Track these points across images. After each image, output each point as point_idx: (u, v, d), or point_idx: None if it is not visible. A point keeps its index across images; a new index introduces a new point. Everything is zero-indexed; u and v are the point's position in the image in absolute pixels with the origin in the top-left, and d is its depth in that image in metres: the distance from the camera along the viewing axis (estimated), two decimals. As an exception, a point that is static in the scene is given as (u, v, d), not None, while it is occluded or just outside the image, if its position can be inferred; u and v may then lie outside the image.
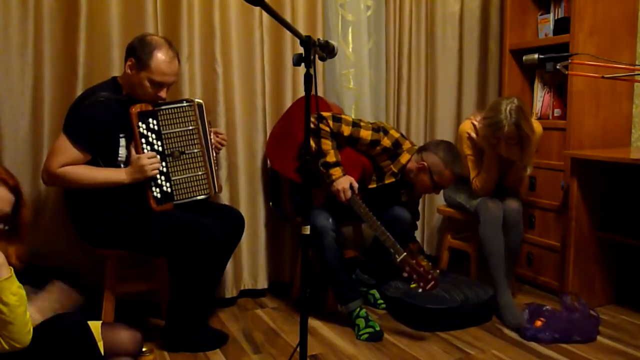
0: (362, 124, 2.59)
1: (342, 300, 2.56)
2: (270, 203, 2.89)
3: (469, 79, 3.45)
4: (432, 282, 2.34)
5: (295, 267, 2.98)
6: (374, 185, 2.66)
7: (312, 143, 2.52)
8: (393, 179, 2.63)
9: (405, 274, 2.38)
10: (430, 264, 2.38)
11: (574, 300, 2.51)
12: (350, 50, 3.26)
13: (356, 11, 3.22)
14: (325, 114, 2.54)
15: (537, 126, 2.75)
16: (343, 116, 2.58)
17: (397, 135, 2.62)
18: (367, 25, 3.25)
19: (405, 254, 2.38)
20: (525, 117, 2.55)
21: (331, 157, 2.50)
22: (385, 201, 2.70)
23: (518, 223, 2.71)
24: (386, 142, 2.59)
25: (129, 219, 2.23)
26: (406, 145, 2.63)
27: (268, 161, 2.87)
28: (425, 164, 2.56)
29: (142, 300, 2.71)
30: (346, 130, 2.54)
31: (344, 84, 3.27)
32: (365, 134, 2.56)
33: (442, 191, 3.12)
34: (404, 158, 2.61)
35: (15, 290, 1.48)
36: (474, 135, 2.75)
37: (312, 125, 2.51)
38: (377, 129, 2.60)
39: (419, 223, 3.31)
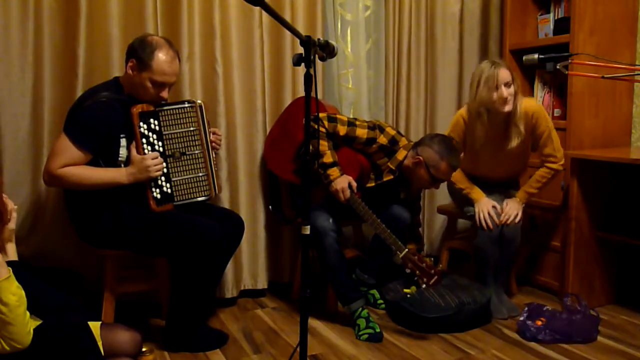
0: (357, 122, 2.59)
1: (344, 300, 2.56)
2: (270, 207, 2.89)
3: (469, 79, 3.44)
4: (435, 277, 2.35)
5: (295, 267, 2.98)
6: (373, 184, 2.66)
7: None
8: (391, 176, 2.63)
9: (408, 270, 2.38)
10: (432, 258, 2.39)
11: (575, 301, 2.51)
12: (349, 50, 3.26)
13: (355, 11, 3.23)
14: (320, 114, 2.54)
15: (539, 108, 2.69)
16: (338, 116, 2.58)
17: (393, 132, 2.62)
18: (364, 25, 3.25)
19: (407, 250, 2.39)
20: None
21: (328, 158, 2.50)
22: (384, 199, 2.70)
23: (514, 238, 2.70)
24: (382, 139, 2.59)
25: (128, 219, 2.23)
26: (402, 142, 2.63)
27: (266, 164, 2.87)
28: (421, 158, 2.55)
29: (142, 300, 2.71)
30: (342, 130, 2.54)
31: (342, 84, 3.27)
32: (361, 133, 2.57)
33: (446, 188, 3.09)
34: (401, 155, 2.61)
35: (15, 290, 1.48)
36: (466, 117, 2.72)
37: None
38: (373, 127, 2.60)
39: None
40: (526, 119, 2.63)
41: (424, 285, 2.35)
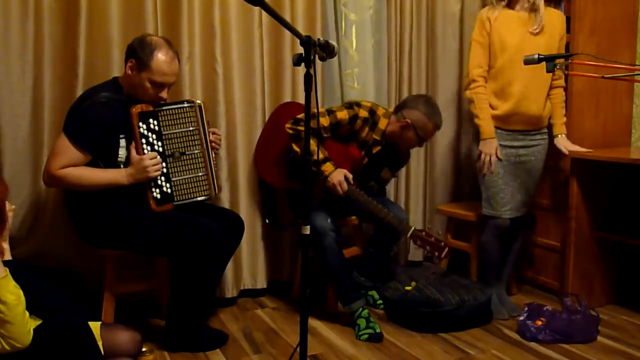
0: (334, 108, 2.63)
1: (345, 300, 2.56)
2: (267, 220, 2.89)
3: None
4: (446, 249, 2.42)
5: (295, 267, 2.98)
6: (365, 161, 2.69)
7: (296, 148, 2.54)
8: (379, 147, 2.67)
9: (417, 247, 2.42)
10: (439, 232, 2.43)
11: (575, 301, 2.51)
12: (354, 49, 3.26)
13: (359, 10, 3.23)
14: (299, 116, 2.55)
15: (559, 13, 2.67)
16: (315, 111, 2.60)
17: (369, 104, 2.68)
18: (370, 25, 3.25)
19: (413, 228, 2.45)
20: None
21: (319, 155, 2.51)
22: (378, 169, 2.74)
23: (521, 231, 2.74)
24: (363, 113, 2.64)
25: (128, 219, 2.23)
26: (380, 110, 2.68)
27: (258, 173, 2.87)
28: (409, 121, 2.59)
29: (142, 300, 2.71)
30: (325, 121, 2.57)
31: (347, 84, 3.27)
32: (342, 114, 2.60)
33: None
34: (382, 123, 2.65)
35: (13, 289, 1.48)
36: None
37: (290, 131, 2.52)
38: (350, 105, 2.66)
39: (418, 223, 3.31)
40: (558, 19, 2.64)
41: (436, 260, 2.38)
